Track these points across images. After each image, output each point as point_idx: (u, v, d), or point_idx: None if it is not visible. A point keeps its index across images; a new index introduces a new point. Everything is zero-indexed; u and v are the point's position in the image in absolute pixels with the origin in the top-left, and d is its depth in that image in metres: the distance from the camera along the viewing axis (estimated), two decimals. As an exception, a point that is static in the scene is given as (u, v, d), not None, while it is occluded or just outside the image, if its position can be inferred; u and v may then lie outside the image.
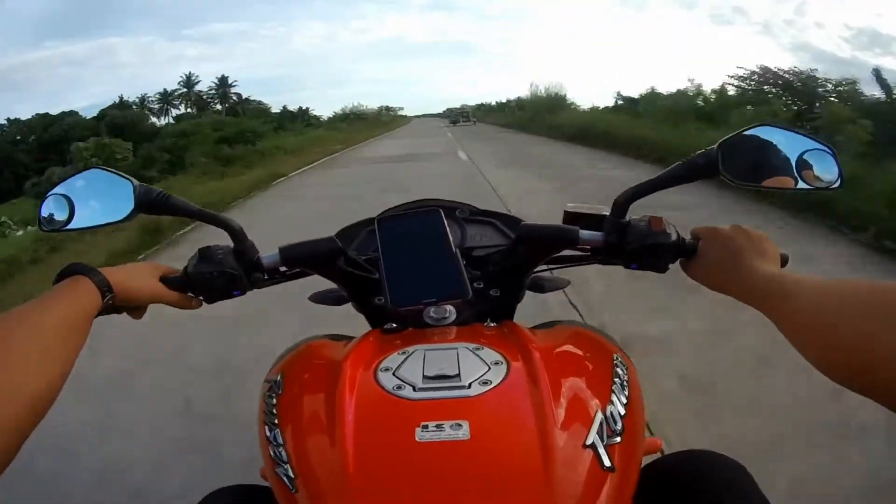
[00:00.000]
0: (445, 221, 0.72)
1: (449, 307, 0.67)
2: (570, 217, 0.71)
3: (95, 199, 0.65)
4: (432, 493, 0.44)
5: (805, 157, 0.61)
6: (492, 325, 0.66)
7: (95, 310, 0.54)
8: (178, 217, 0.66)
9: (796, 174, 0.61)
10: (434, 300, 0.66)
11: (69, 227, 0.65)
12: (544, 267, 0.77)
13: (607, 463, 0.46)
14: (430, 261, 0.69)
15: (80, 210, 0.65)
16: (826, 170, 0.61)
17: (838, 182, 0.61)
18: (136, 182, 0.64)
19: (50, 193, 0.66)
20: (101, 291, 0.54)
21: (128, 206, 0.63)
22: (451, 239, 0.70)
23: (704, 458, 0.61)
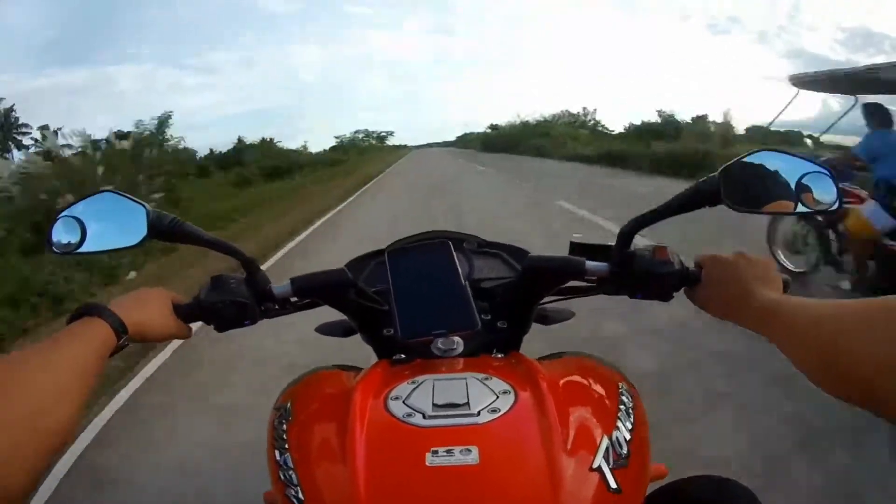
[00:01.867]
0: (454, 254, 0.73)
1: (457, 339, 0.68)
2: (576, 248, 0.72)
3: (107, 223, 0.66)
4: None
5: (804, 180, 0.61)
6: (499, 356, 0.67)
7: (110, 351, 0.54)
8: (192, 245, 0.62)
9: (796, 197, 0.62)
10: (443, 332, 0.67)
11: (80, 250, 0.66)
12: (551, 298, 0.78)
13: (613, 485, 0.47)
14: (439, 293, 0.70)
15: (92, 233, 0.65)
16: (825, 192, 0.62)
17: (836, 203, 0.62)
18: (148, 207, 0.64)
19: (61, 216, 0.66)
20: (117, 333, 0.54)
21: (140, 231, 0.63)
22: (460, 271, 0.71)
23: (713, 483, 0.62)
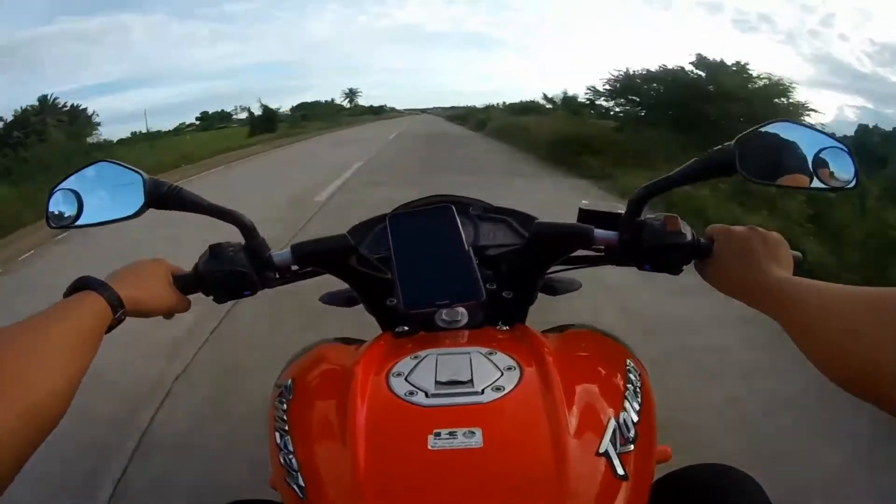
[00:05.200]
0: (458, 219, 0.71)
1: (461, 309, 0.66)
2: (585, 216, 0.70)
3: (104, 194, 0.64)
4: (445, 502, 0.44)
5: (821, 154, 0.59)
6: (504, 328, 0.66)
7: (105, 326, 0.52)
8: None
9: (812, 172, 0.60)
10: (447, 302, 0.65)
11: (78, 223, 0.64)
12: (558, 268, 0.75)
13: (620, 471, 0.46)
14: (443, 261, 0.68)
15: (89, 205, 0.64)
16: (842, 168, 0.60)
17: (854, 181, 0.60)
18: (145, 175, 0.62)
19: (57, 188, 0.65)
20: (112, 308, 0.52)
21: (137, 200, 0.62)
22: (464, 238, 0.69)
23: (717, 471, 0.62)
